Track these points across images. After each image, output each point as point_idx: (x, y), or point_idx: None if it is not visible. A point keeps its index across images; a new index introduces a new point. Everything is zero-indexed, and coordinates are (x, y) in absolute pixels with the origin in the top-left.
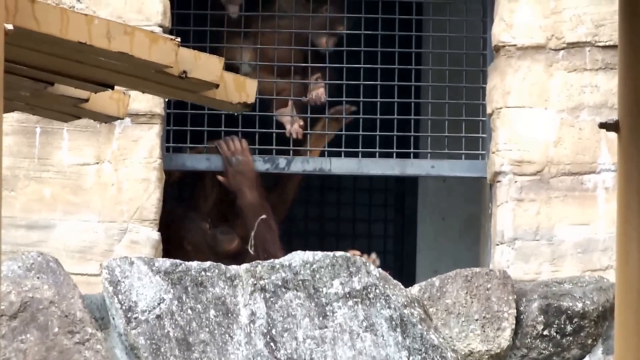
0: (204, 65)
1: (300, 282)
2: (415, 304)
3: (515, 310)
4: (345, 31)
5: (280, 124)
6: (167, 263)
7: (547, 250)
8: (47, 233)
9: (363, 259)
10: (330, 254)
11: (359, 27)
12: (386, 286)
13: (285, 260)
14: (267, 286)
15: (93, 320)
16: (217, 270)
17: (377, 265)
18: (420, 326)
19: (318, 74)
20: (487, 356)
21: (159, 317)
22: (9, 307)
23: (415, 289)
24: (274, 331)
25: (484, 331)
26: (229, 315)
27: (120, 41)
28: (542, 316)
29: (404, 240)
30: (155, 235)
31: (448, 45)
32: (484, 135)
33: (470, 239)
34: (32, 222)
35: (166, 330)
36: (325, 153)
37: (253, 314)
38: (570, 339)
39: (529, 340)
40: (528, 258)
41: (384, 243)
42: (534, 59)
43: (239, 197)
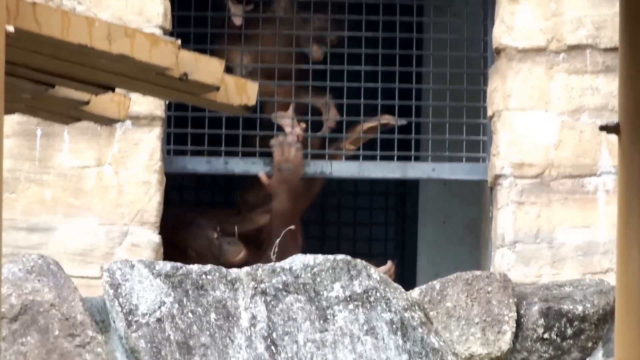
0: (205, 67)
1: (301, 286)
2: (416, 307)
3: (516, 314)
4: (346, 32)
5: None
6: (168, 266)
7: (548, 253)
8: (48, 236)
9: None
10: (331, 257)
11: (359, 29)
12: (387, 289)
13: (285, 263)
14: (268, 289)
15: (93, 323)
16: (218, 274)
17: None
18: (420, 329)
19: (324, 98)
20: (488, 359)
21: (159, 321)
22: (10, 310)
23: (415, 292)
24: (274, 335)
25: (485, 334)
26: (230, 318)
27: (121, 43)
28: (543, 319)
29: (405, 243)
30: (156, 238)
31: (449, 48)
32: (485, 138)
33: (470, 242)
34: (33, 225)
35: (167, 334)
36: (326, 156)
37: (254, 317)
38: (571, 342)
39: (530, 343)
40: (528, 261)
41: (385, 246)
42: (535, 61)
43: (275, 202)
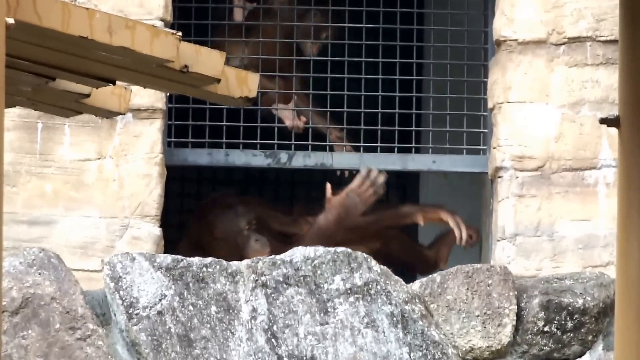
0: (206, 59)
1: (302, 278)
2: (416, 300)
3: (516, 307)
4: (347, 24)
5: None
6: (169, 259)
7: (548, 246)
8: (49, 229)
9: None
10: (332, 249)
11: (360, 21)
12: (387, 282)
13: (286, 256)
14: (269, 282)
15: (94, 316)
16: (219, 266)
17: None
18: (421, 322)
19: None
20: (488, 352)
21: (160, 313)
22: (11, 303)
23: (416, 285)
24: (275, 327)
25: (485, 327)
26: (230, 311)
27: (122, 35)
28: (543, 312)
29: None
30: (157, 231)
31: (449, 39)
32: (485, 130)
33: None
34: (34, 218)
35: (167, 327)
36: (327, 148)
37: (254, 310)
38: (571, 335)
39: (530, 336)
40: (529, 254)
41: None
42: (535, 53)
43: (322, 217)
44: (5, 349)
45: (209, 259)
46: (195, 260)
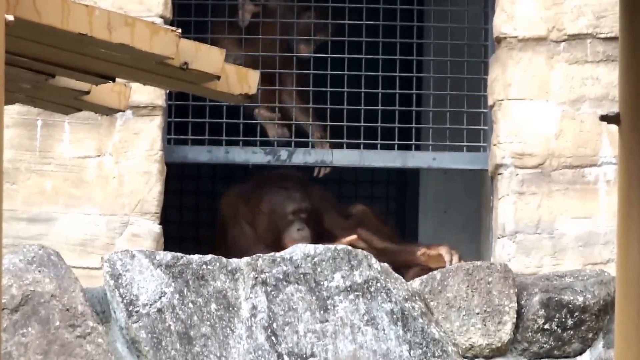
0: (205, 56)
1: (302, 276)
2: (416, 298)
3: (516, 304)
4: (347, 21)
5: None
6: (168, 256)
7: (548, 244)
8: (49, 226)
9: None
10: (332, 247)
11: (360, 17)
12: (387, 280)
13: (286, 253)
14: (269, 280)
15: (94, 313)
16: (219, 264)
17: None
18: (421, 320)
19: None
20: (488, 350)
21: (160, 311)
22: (10, 301)
23: (416, 283)
24: (275, 325)
25: (485, 325)
26: (230, 309)
27: (121, 32)
28: (543, 310)
29: (405, 232)
30: (157, 228)
31: (449, 36)
32: (486, 128)
33: (471, 232)
34: (34, 215)
35: (167, 324)
36: (327, 145)
37: (254, 307)
38: (571, 332)
39: (530, 334)
40: (529, 251)
41: None
42: (535, 50)
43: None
44: (5, 346)
45: (209, 257)
46: (195, 257)
